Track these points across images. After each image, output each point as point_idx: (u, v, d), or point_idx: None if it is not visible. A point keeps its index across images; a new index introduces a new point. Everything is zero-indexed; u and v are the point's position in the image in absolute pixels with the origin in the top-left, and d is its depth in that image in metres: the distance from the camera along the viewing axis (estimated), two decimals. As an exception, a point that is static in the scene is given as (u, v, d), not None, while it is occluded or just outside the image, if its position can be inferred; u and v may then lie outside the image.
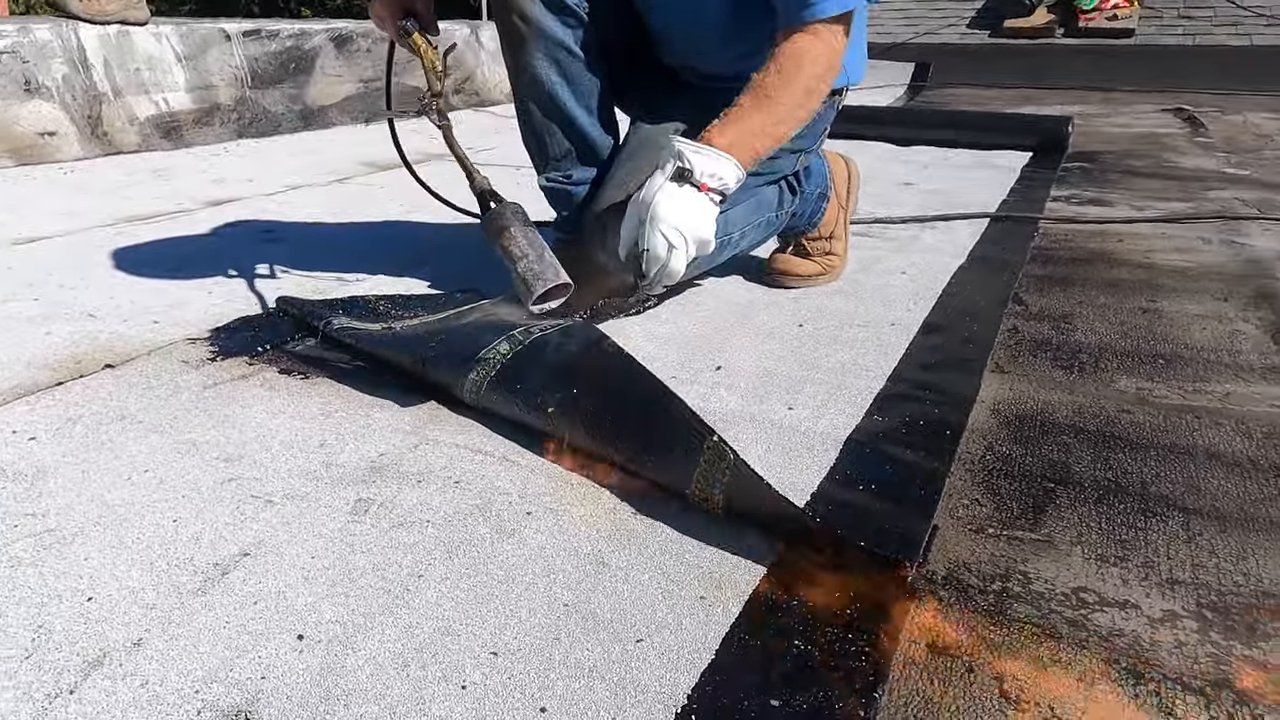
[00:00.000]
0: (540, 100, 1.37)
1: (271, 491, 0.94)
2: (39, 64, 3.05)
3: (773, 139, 1.19)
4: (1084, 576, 0.80)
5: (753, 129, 1.17)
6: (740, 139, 1.16)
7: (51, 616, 0.73)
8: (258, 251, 1.91)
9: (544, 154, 1.44)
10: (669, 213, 1.11)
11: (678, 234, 1.12)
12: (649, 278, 1.15)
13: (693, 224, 1.12)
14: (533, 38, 1.31)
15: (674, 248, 1.12)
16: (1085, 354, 1.35)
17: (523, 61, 1.34)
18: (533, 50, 1.32)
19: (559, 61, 1.33)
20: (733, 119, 1.17)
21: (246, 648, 0.70)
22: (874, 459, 1.00)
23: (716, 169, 1.13)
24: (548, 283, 1.08)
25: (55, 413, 1.12)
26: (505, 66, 1.41)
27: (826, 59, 1.19)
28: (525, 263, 1.10)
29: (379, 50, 4.43)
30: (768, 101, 1.17)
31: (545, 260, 1.11)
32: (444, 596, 0.76)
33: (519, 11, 1.29)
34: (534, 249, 1.12)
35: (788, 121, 1.19)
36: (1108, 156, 3.33)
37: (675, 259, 1.13)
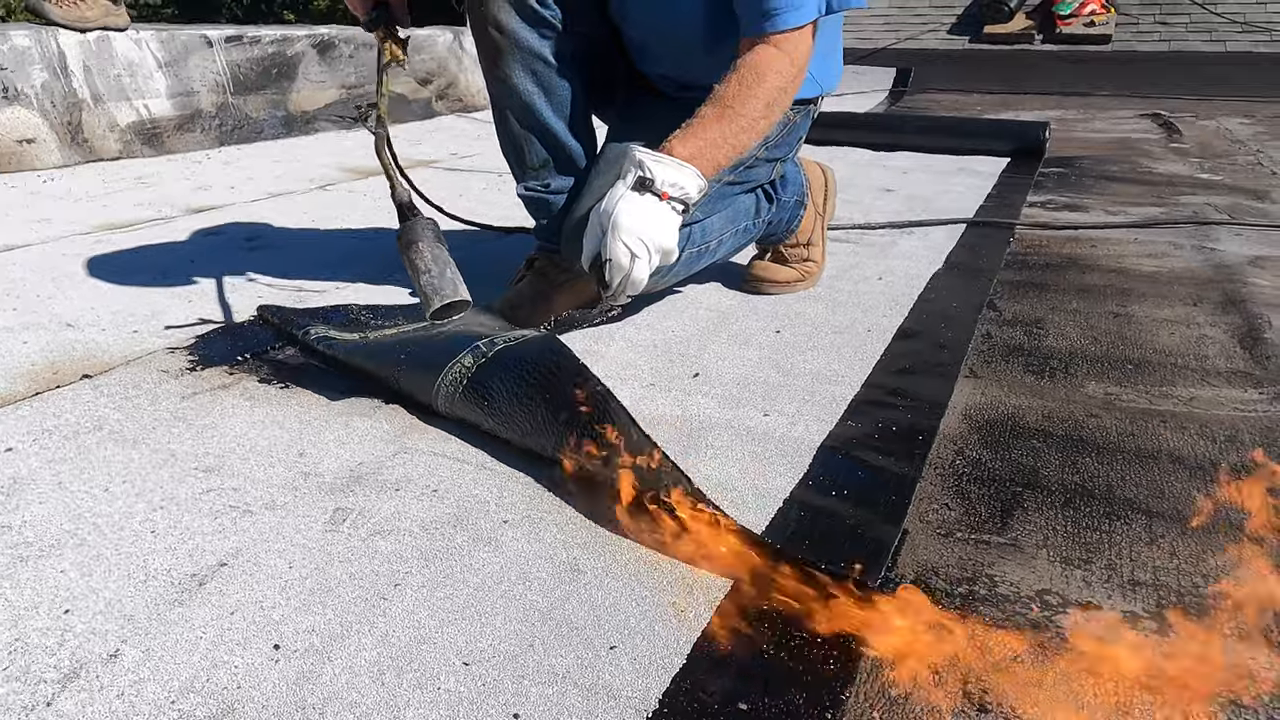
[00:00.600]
0: (517, 110, 1.38)
1: (250, 502, 0.94)
2: (17, 71, 3.03)
3: (735, 149, 1.20)
4: (1049, 579, 0.82)
5: (714, 140, 1.18)
6: (702, 150, 1.17)
7: (28, 629, 0.74)
8: (239, 259, 1.92)
9: (522, 163, 1.45)
10: (630, 222, 1.12)
11: (639, 243, 1.12)
12: (612, 287, 1.16)
13: (654, 233, 1.13)
14: (509, 49, 1.32)
15: (636, 257, 1.13)
16: (1056, 359, 1.38)
17: (500, 72, 1.35)
18: (509, 61, 1.33)
19: (536, 72, 1.34)
20: (694, 130, 1.18)
21: (223, 658, 0.71)
22: (846, 465, 1.02)
23: (678, 179, 1.14)
24: (445, 298, 1.10)
25: (32, 423, 1.12)
26: (483, 77, 1.42)
27: (788, 71, 1.20)
28: (427, 277, 1.12)
29: (361, 56, 4.43)
30: (729, 113, 1.18)
31: (446, 276, 1.12)
32: (420, 605, 0.77)
33: (495, 23, 1.31)
34: (437, 264, 1.13)
35: (749, 132, 1.20)
36: (1084, 162, 3.37)
37: (638, 268, 1.13)
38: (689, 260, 1.37)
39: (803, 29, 1.20)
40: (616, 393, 1.21)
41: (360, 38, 4.46)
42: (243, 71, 3.82)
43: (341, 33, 4.41)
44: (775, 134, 1.38)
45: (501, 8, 1.29)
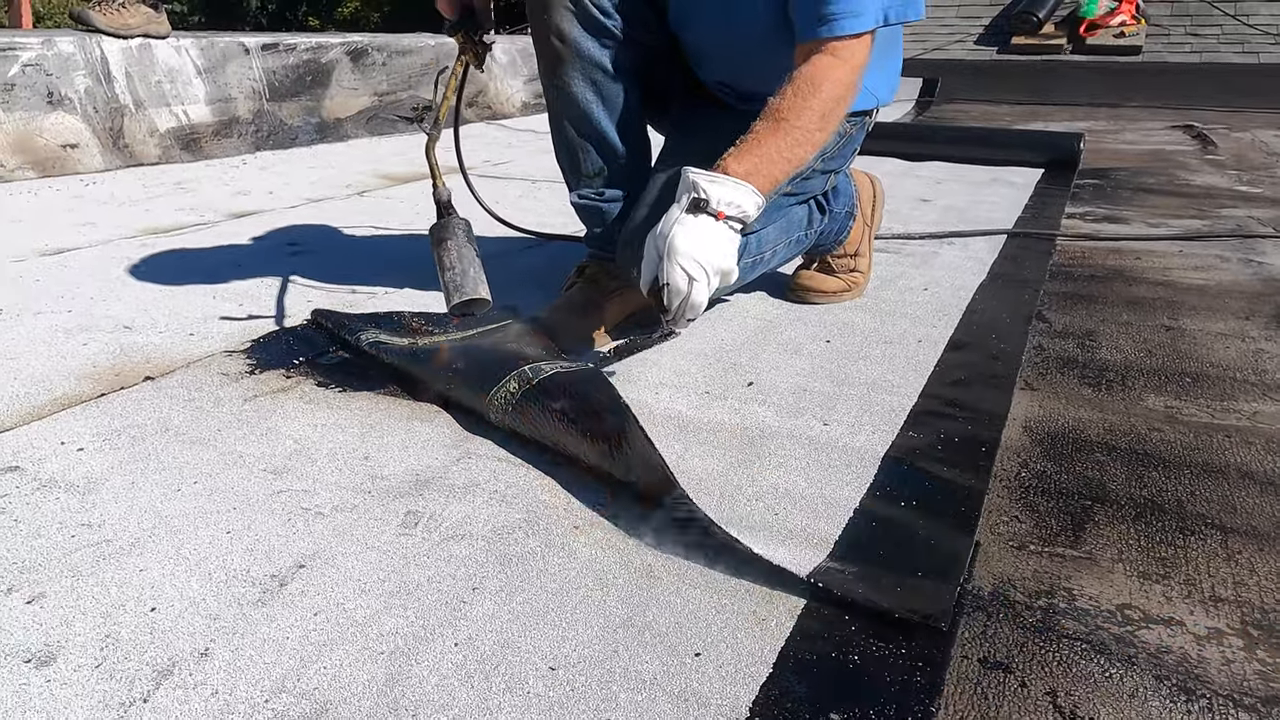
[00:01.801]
0: (575, 119, 1.39)
1: (321, 504, 0.95)
2: (62, 76, 3.08)
3: (791, 163, 1.18)
4: (1127, 593, 0.82)
5: (769, 155, 1.15)
6: (757, 166, 1.15)
7: (117, 626, 0.75)
8: (284, 264, 1.94)
9: (577, 171, 1.46)
10: (686, 245, 1.10)
11: (696, 266, 1.10)
12: (671, 311, 1.13)
13: (711, 254, 1.10)
14: (570, 58, 1.33)
15: (694, 280, 1.10)
16: (1112, 372, 1.37)
17: (559, 81, 1.36)
18: (570, 70, 1.34)
19: (595, 81, 1.35)
20: (749, 146, 1.16)
21: (311, 658, 0.71)
22: (912, 475, 1.01)
23: (734, 198, 1.12)
24: (464, 295, 1.12)
25: (100, 424, 1.14)
26: (541, 84, 1.43)
27: (845, 79, 1.18)
28: (451, 273, 1.14)
29: (394, 64, 4.47)
30: (783, 126, 1.15)
31: (469, 275, 1.14)
32: (500, 609, 0.78)
33: (557, 32, 1.32)
34: (462, 262, 1.15)
35: (804, 145, 1.18)
36: (1120, 174, 3.35)
37: (696, 291, 1.11)
38: (744, 270, 1.37)
39: (861, 37, 1.18)
40: (672, 401, 1.22)
41: (393, 46, 4.51)
42: (278, 78, 3.87)
43: (374, 40, 4.46)
44: (831, 146, 1.37)
45: (564, 16, 1.30)
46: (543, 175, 3.13)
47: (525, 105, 5.23)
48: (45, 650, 0.72)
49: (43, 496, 0.95)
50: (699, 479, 1.01)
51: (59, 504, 0.94)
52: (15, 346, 1.40)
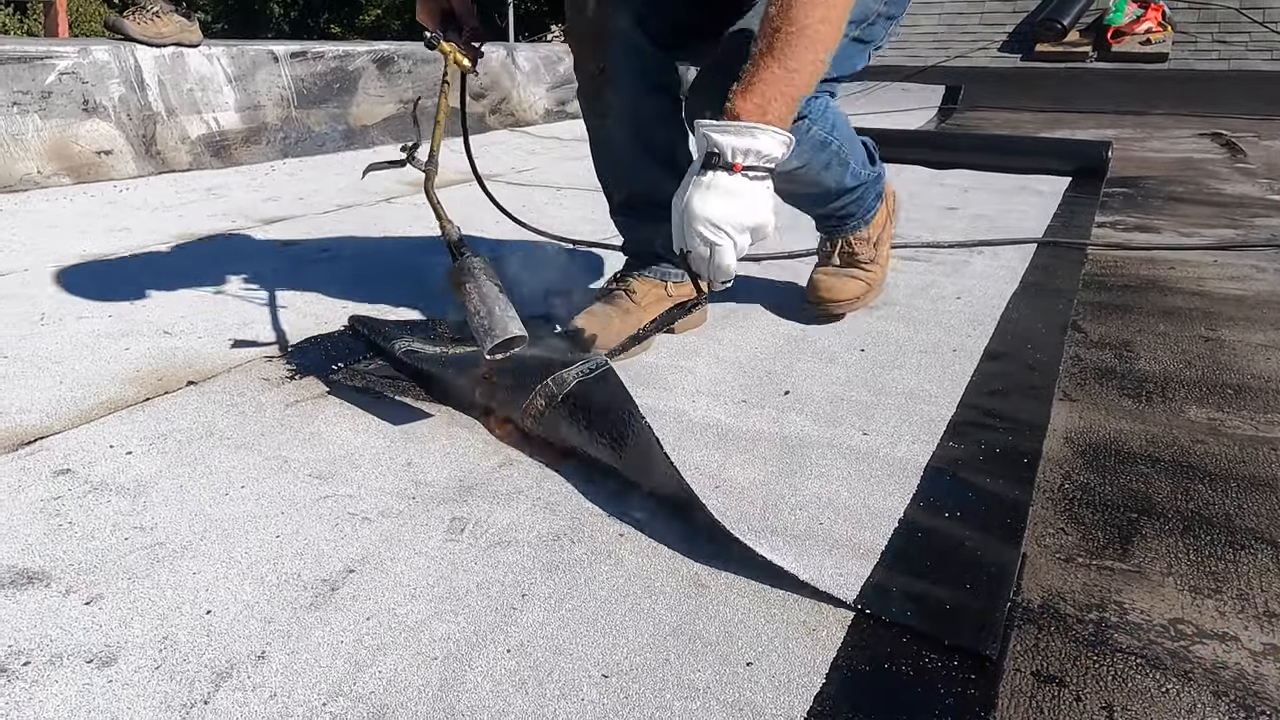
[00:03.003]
0: (615, 144, 1.40)
1: (366, 509, 0.96)
2: (97, 85, 3.13)
3: (805, 73, 1.05)
4: (1179, 608, 0.81)
5: (774, 74, 1.03)
6: (767, 95, 1.02)
7: (174, 628, 0.76)
8: (318, 271, 1.96)
9: (619, 189, 1.46)
10: (702, 208, 1.02)
11: (714, 229, 1.02)
12: (702, 276, 1.07)
13: (730, 212, 1.01)
14: (610, 87, 1.34)
15: (715, 244, 1.02)
16: (1151, 383, 1.36)
17: (600, 108, 1.37)
18: (610, 99, 1.35)
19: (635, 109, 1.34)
20: (750, 76, 1.04)
21: (366, 662, 0.72)
22: (955, 486, 1.01)
23: (750, 144, 1.01)
24: (496, 338, 1.08)
25: (147, 428, 1.15)
26: (580, 108, 1.44)
27: None
28: (478, 318, 1.10)
29: (419, 71, 4.51)
30: (778, 36, 1.03)
31: (495, 315, 1.10)
32: (550, 616, 0.78)
33: (598, 58, 1.32)
34: (486, 303, 1.11)
35: (812, 47, 1.04)
36: (1149, 182, 3.32)
37: (720, 255, 1.03)
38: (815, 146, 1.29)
39: None
40: (710, 410, 1.23)
41: (419, 54, 4.55)
42: (306, 86, 3.91)
43: (400, 48, 4.50)
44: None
45: (607, 42, 1.31)
46: (568, 182, 3.15)
47: (548, 112, 5.25)
48: (106, 651, 0.73)
49: (95, 499, 0.97)
50: (741, 488, 1.01)
51: (111, 507, 0.96)
52: (60, 350, 1.42)
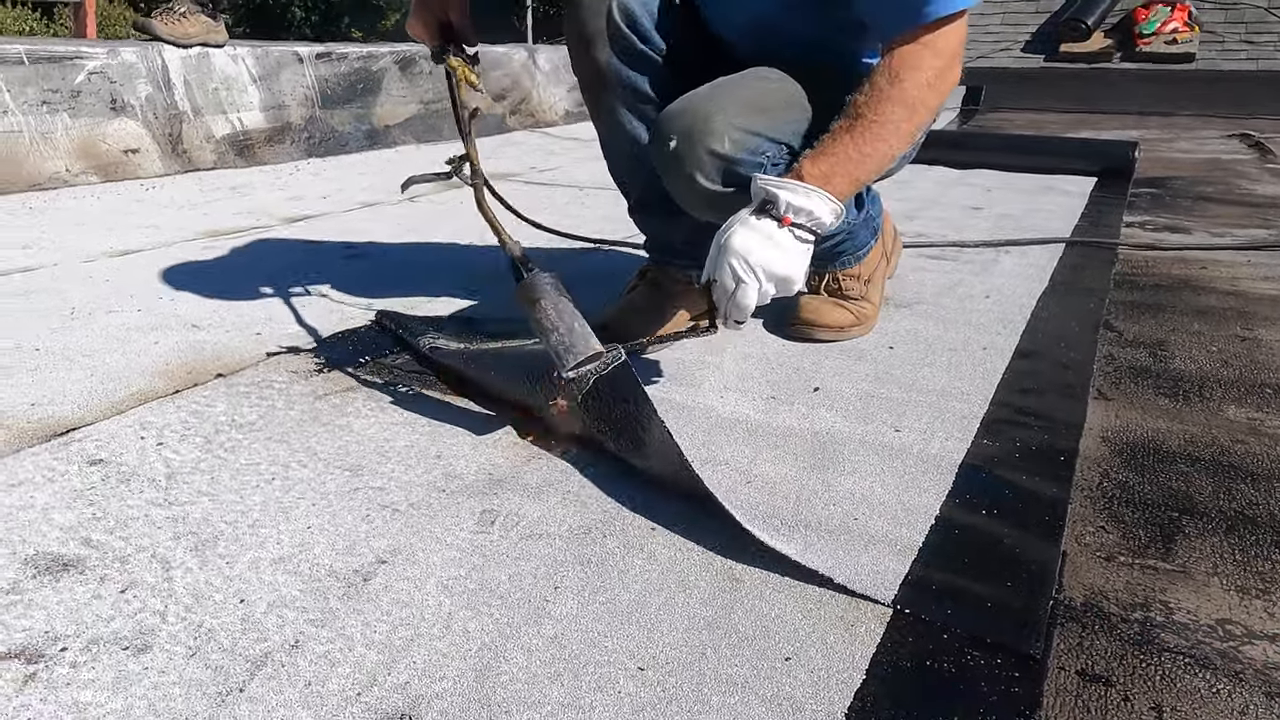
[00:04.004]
0: (622, 142, 1.40)
1: (397, 501, 0.96)
2: (125, 84, 3.17)
3: (873, 159, 1.11)
4: (1226, 608, 0.79)
5: (846, 154, 1.10)
6: (834, 167, 1.09)
7: (209, 617, 0.76)
8: (342, 267, 1.96)
9: (632, 187, 1.46)
10: (741, 244, 1.05)
11: (746, 266, 1.04)
12: (720, 309, 1.09)
13: (767, 258, 1.05)
14: (612, 87, 1.33)
15: (742, 281, 1.05)
16: (1188, 382, 1.33)
17: (603, 109, 1.38)
18: (612, 99, 1.35)
19: (638, 107, 1.34)
20: (825, 147, 1.10)
21: (400, 652, 0.72)
22: (992, 484, 0.99)
23: (805, 204, 1.06)
24: (577, 356, 1.05)
25: (178, 419, 1.16)
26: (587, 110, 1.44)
27: (933, 65, 1.10)
28: (556, 335, 1.07)
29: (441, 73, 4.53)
30: (861, 122, 1.10)
31: (575, 332, 1.07)
32: (584, 609, 0.77)
33: (596, 64, 1.32)
34: (564, 319, 1.08)
35: (888, 139, 1.11)
36: (1176, 182, 3.28)
37: (742, 293, 1.05)
38: None
39: (950, 19, 1.08)
40: (738, 405, 1.22)
41: (440, 54, 4.57)
42: (330, 86, 3.94)
43: (423, 50, 4.52)
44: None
45: (602, 49, 1.31)
46: (590, 182, 3.14)
47: (568, 113, 5.26)
48: (141, 638, 0.73)
49: (127, 489, 0.97)
50: (772, 483, 1.00)
51: (143, 496, 0.96)
52: (91, 343, 1.43)
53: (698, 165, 1.16)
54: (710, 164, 1.16)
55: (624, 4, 1.30)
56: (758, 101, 1.20)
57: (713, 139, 1.15)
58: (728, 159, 1.15)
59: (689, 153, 1.16)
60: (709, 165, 1.16)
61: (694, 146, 1.15)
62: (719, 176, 1.17)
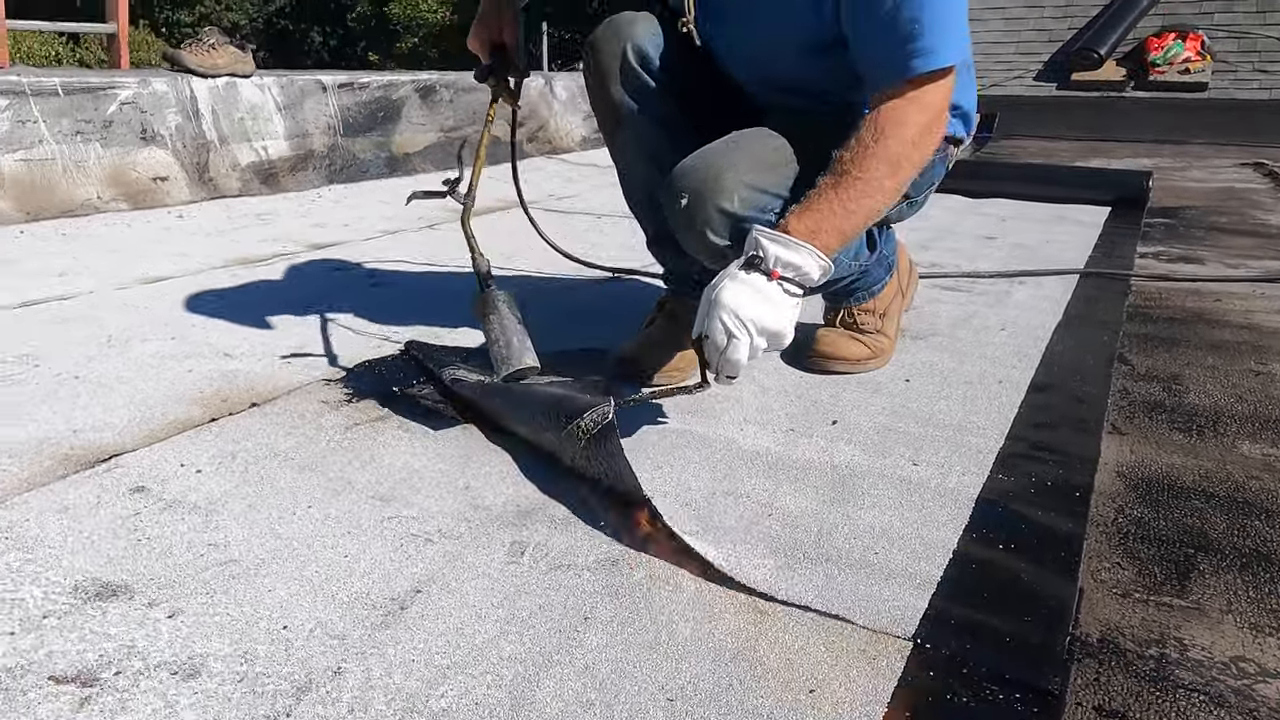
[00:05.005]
0: (637, 174, 1.45)
1: (429, 531, 0.99)
2: (155, 114, 3.25)
3: (859, 215, 1.13)
4: (1240, 645, 0.81)
5: (831, 209, 1.11)
6: (819, 223, 1.11)
7: (254, 643, 0.79)
8: (367, 296, 2.01)
9: (649, 221, 1.50)
10: (730, 299, 1.06)
11: (737, 322, 1.06)
12: (712, 365, 1.10)
13: (757, 312, 1.06)
14: (625, 122, 1.39)
15: (734, 337, 1.06)
16: (1202, 417, 1.35)
17: (619, 142, 1.44)
18: (626, 133, 1.41)
19: (651, 139, 1.39)
20: (810, 202, 1.12)
21: (438, 680, 0.74)
22: (1008, 518, 1.01)
23: (792, 258, 1.08)
24: (511, 366, 1.23)
25: (214, 448, 1.19)
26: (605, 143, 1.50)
27: (918, 121, 1.12)
28: (496, 347, 1.25)
29: (460, 100, 4.62)
30: (846, 179, 1.11)
31: (513, 345, 1.24)
32: (613, 639, 0.80)
33: (609, 100, 1.38)
34: (505, 334, 1.25)
35: (872, 195, 1.12)
36: (1190, 212, 3.30)
37: (734, 348, 1.06)
38: None
39: (934, 76, 1.11)
40: (758, 438, 1.25)
41: (460, 83, 4.65)
42: (352, 114, 4.02)
43: (443, 78, 4.61)
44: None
45: (616, 86, 1.36)
46: (608, 210, 3.19)
47: (585, 140, 5.34)
48: (190, 663, 0.76)
49: (169, 516, 1.01)
50: (793, 516, 1.02)
51: (185, 524, 0.99)
52: (128, 371, 1.48)
53: (707, 222, 1.20)
54: (719, 221, 1.19)
55: (637, 45, 1.36)
56: (766, 159, 1.24)
57: (722, 197, 1.19)
58: (736, 216, 1.19)
59: (699, 210, 1.20)
60: (718, 222, 1.19)
61: (704, 204, 1.19)
62: (727, 232, 1.20)
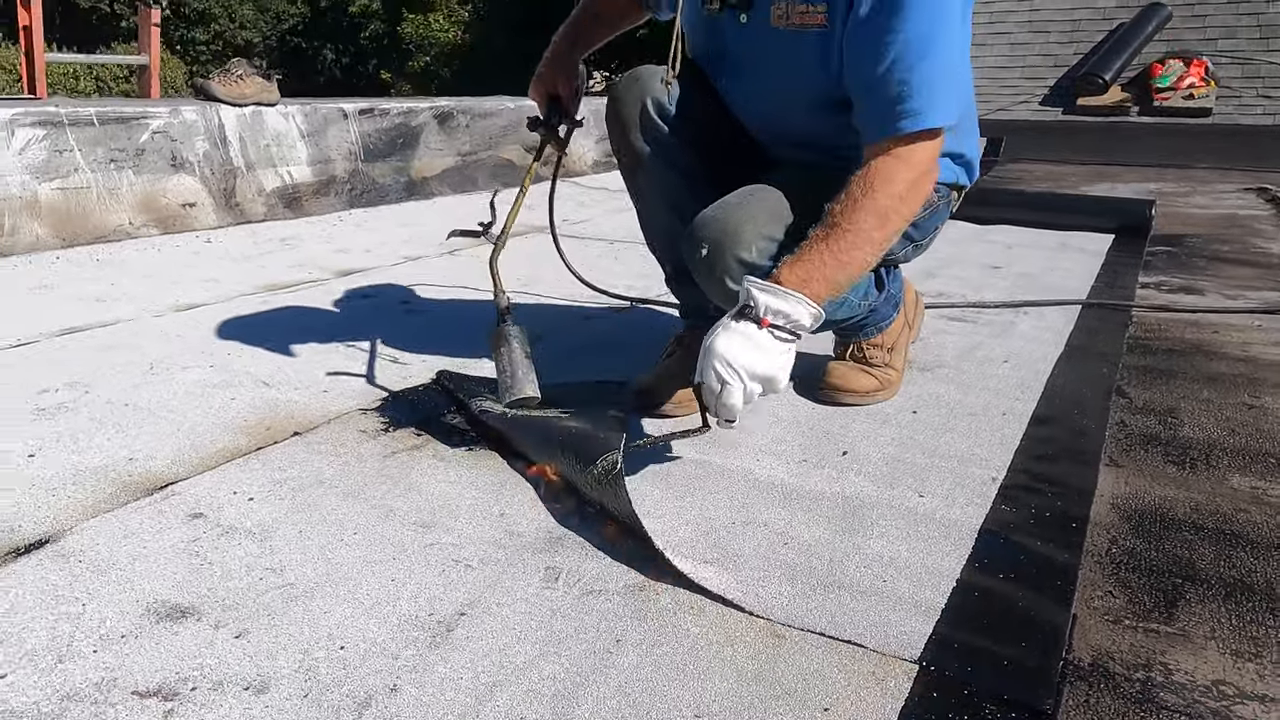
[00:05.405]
0: (656, 214, 1.55)
1: (468, 557, 1.06)
2: (185, 142, 3.36)
3: (849, 266, 1.19)
4: (1221, 670, 0.88)
5: (822, 260, 1.17)
6: (810, 273, 1.17)
7: (315, 661, 0.86)
8: (395, 323, 2.09)
9: (666, 256, 1.58)
10: (723, 348, 1.13)
11: (729, 369, 1.12)
12: (711, 410, 1.17)
13: (748, 360, 1.12)
14: (644, 170, 1.49)
15: (726, 383, 1.12)
16: (1195, 450, 1.42)
17: (638, 184, 1.54)
18: (644, 175, 1.50)
19: (668, 182, 1.48)
20: (802, 253, 1.18)
21: (485, 697, 0.82)
22: (1008, 549, 1.09)
23: (783, 307, 1.14)
24: (513, 395, 1.34)
25: (263, 476, 1.27)
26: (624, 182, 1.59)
27: (905, 178, 1.19)
28: (504, 376, 1.36)
29: (476, 126, 4.73)
30: (836, 230, 1.17)
31: (518, 376, 1.36)
32: (644, 660, 0.87)
33: (629, 144, 1.48)
34: (512, 365, 1.36)
35: (861, 247, 1.19)
36: (1193, 240, 3.37)
37: (727, 394, 1.13)
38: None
39: (921, 136, 1.18)
40: (773, 469, 1.32)
41: (477, 109, 4.77)
42: (372, 140, 4.13)
43: (460, 104, 4.72)
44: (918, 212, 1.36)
45: (636, 135, 1.46)
46: (621, 235, 3.28)
47: (596, 164, 5.44)
48: (259, 680, 0.83)
49: (227, 541, 1.09)
50: (807, 545, 1.10)
51: (242, 549, 1.07)
52: (173, 400, 1.56)
53: (726, 270, 1.28)
54: (738, 269, 1.27)
55: (656, 98, 1.46)
56: (781, 212, 1.32)
57: (741, 248, 1.27)
58: (753, 265, 1.27)
59: (719, 259, 1.28)
60: (736, 270, 1.27)
61: (724, 254, 1.28)
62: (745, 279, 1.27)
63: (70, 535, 1.09)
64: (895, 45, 1.17)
